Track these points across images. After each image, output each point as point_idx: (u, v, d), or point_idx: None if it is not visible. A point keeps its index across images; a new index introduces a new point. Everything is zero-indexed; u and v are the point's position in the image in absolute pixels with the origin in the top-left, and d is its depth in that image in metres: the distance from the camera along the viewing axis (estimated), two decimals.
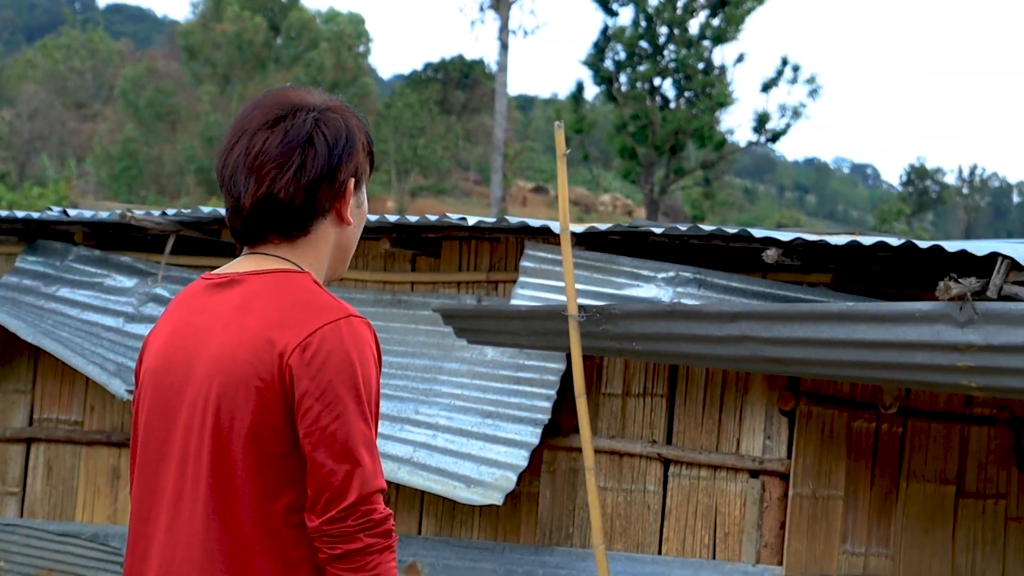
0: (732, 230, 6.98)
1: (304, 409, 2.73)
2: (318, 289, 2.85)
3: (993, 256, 5.99)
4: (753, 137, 47.86)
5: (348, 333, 2.76)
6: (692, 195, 48.98)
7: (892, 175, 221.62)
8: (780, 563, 7.04)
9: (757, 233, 6.86)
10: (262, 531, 2.78)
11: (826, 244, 6.64)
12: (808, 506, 7.13)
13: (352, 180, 2.91)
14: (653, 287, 7.26)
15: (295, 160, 2.83)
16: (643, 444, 7.42)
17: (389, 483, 8.15)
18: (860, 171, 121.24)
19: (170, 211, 8.77)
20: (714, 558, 7.19)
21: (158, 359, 2.92)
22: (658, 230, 7.28)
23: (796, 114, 45.40)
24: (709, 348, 6.77)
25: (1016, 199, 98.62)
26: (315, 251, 2.92)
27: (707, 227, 7.09)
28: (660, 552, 7.33)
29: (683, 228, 7.17)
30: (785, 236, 6.77)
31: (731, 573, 7.06)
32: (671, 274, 7.23)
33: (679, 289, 7.17)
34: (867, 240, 6.62)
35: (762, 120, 45.72)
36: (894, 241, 6.55)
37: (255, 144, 2.85)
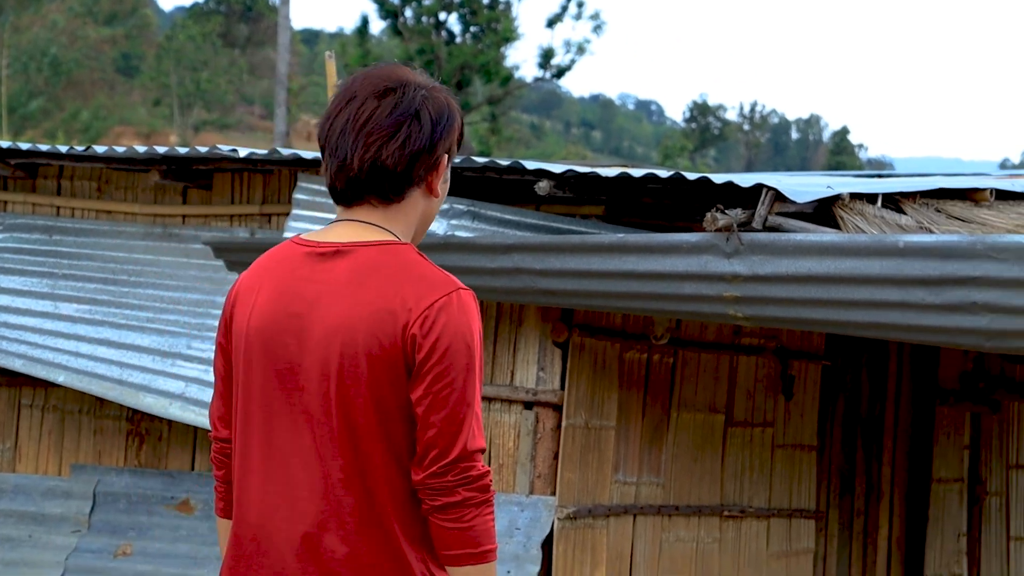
0: (505, 162, 6.97)
1: (421, 374, 2.99)
2: (424, 261, 3.10)
3: (758, 188, 6.07)
4: (539, 73, 48.09)
5: (459, 306, 3.03)
6: (479, 131, 49.10)
7: (676, 111, 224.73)
8: (553, 493, 7.09)
9: (530, 165, 6.86)
10: (389, 488, 3.06)
11: (597, 176, 6.67)
12: (581, 436, 7.20)
13: (446, 156, 3.21)
14: None
15: (403, 131, 3.09)
16: None
17: (160, 419, 8.04)
18: (645, 107, 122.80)
19: None
20: None
21: (262, 319, 3.14)
22: None
23: (581, 50, 45.77)
24: (483, 280, 6.76)
25: (795, 135, 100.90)
26: (405, 217, 3.18)
27: (480, 159, 7.06)
28: None
29: (456, 160, 7.14)
30: (557, 168, 6.78)
31: (505, 504, 7.10)
32: (445, 206, 7.20)
33: (453, 221, 7.15)
34: (637, 172, 6.67)
35: (547, 56, 45.98)
36: (663, 173, 6.61)
37: (364, 111, 3.10)
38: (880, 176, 8.56)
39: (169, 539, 7.99)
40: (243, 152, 7.76)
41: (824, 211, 6.29)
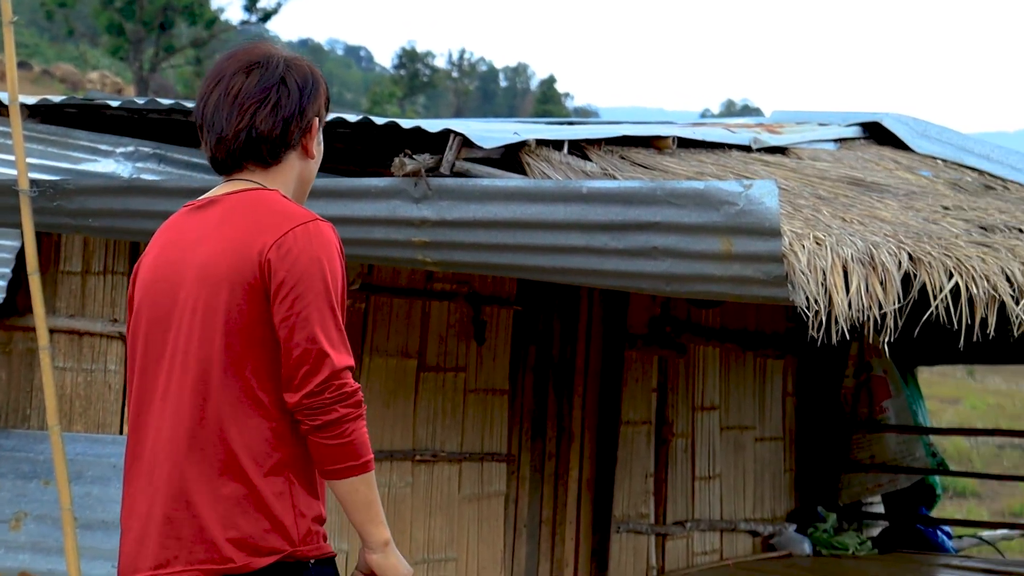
0: (190, 105, 6.83)
1: (280, 298, 3.21)
2: (286, 201, 3.35)
3: (446, 133, 6.09)
4: (245, 16, 47.45)
5: (315, 233, 3.27)
6: (184, 74, 48.28)
7: (385, 58, 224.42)
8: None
9: None
10: (245, 410, 3.23)
11: None
12: None
13: (316, 119, 3.47)
14: (112, 162, 7.04)
15: (272, 98, 3.35)
16: (104, 323, 7.24)
17: None
18: (354, 53, 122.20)
19: None
20: None
21: (149, 272, 3.40)
22: (115, 103, 7.06)
23: None
24: None
25: (503, 83, 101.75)
26: (283, 178, 3.43)
27: (166, 101, 6.92)
28: (121, 432, 7.20)
29: (141, 102, 6.98)
30: None
31: None
32: (130, 149, 7.03)
33: (139, 164, 6.99)
34: (327, 117, 6.60)
35: None
36: (351, 117, 6.57)
37: (234, 86, 3.35)
38: (571, 123, 8.68)
39: None
40: None
41: (512, 157, 6.35)
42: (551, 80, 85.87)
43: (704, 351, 10.16)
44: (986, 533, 12.96)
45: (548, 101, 78.85)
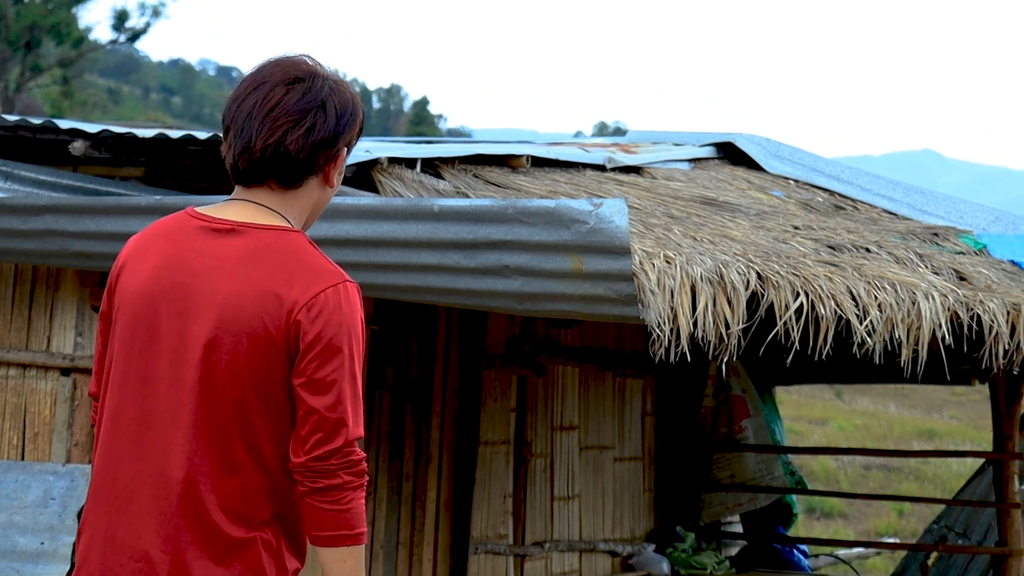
0: (37, 121, 6.73)
1: (305, 361, 3.13)
2: (315, 250, 3.24)
3: None
4: (114, 35, 46.96)
5: (345, 297, 3.17)
6: (51, 94, 47.66)
7: None
8: (91, 461, 6.91)
9: (63, 124, 6.65)
10: (246, 462, 3.16)
11: (135, 137, 6.53)
12: None
13: (345, 149, 3.32)
14: None
15: (308, 120, 3.21)
16: None
17: None
18: (226, 74, 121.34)
19: None
20: (23, 459, 6.98)
21: (148, 285, 3.21)
22: None
23: (156, 13, 44.97)
24: (15, 243, 6.54)
25: (376, 104, 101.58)
26: (300, 204, 3.30)
27: (11, 117, 6.81)
28: None
29: None
30: (92, 128, 6.60)
31: (40, 473, 6.88)
32: None
33: None
34: (175, 133, 6.55)
35: (121, 18, 44.97)
36: (202, 135, 6.51)
37: (273, 97, 3.21)
38: (428, 142, 8.67)
39: None
40: None
41: (364, 175, 6.33)
42: (424, 101, 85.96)
43: (563, 371, 10.18)
44: (842, 552, 13.14)
45: (421, 122, 78.85)
